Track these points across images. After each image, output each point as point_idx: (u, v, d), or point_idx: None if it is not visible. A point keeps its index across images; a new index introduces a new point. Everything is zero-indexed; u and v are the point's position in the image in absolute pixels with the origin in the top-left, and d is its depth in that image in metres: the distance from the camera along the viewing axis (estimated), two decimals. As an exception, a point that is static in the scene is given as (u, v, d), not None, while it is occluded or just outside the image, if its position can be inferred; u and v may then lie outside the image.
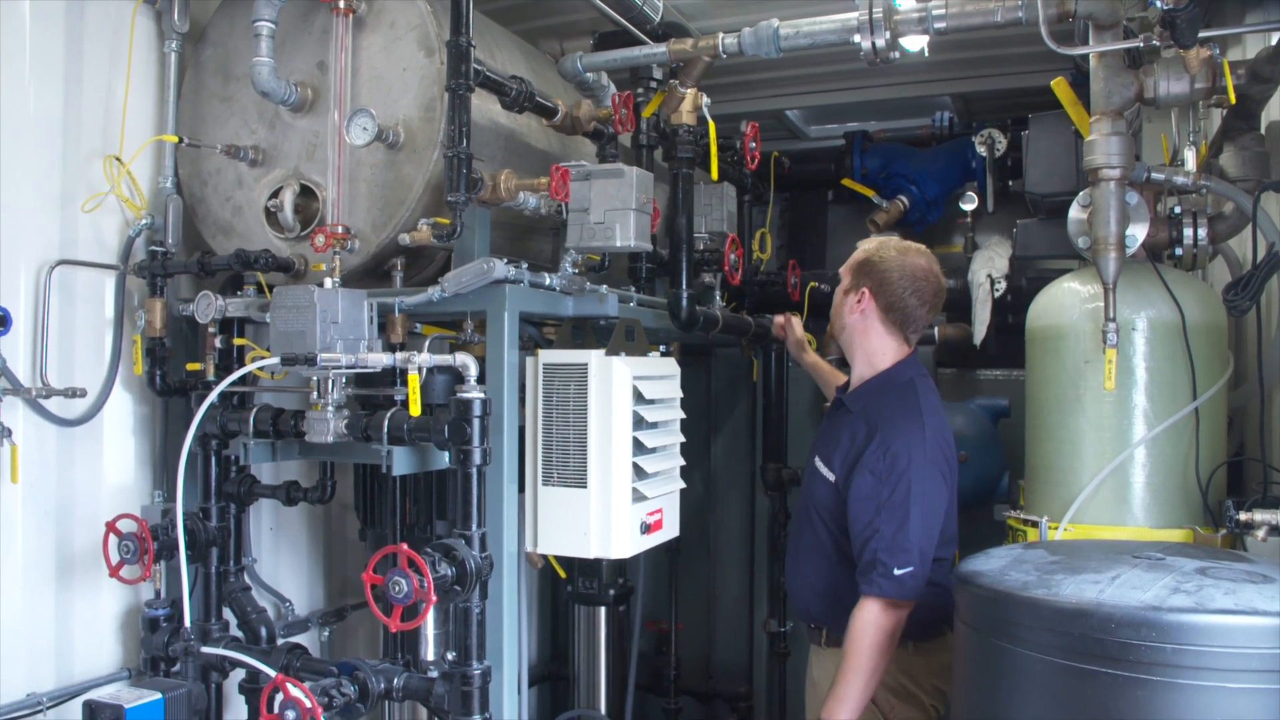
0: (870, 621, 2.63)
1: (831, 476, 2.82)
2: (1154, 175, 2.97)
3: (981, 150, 4.68)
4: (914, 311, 2.87)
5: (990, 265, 4.51)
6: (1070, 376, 3.06)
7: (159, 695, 2.51)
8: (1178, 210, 3.13)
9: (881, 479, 2.66)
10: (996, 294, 4.41)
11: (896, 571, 2.60)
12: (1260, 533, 2.63)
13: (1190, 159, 3.40)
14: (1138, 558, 2.40)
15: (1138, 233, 3.01)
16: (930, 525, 2.68)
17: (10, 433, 2.72)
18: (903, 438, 2.70)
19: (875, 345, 2.90)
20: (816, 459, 2.91)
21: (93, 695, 2.51)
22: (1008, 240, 4.55)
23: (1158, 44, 2.73)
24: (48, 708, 2.81)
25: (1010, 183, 4.71)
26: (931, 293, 2.88)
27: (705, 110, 3.41)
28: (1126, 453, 2.95)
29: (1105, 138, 2.84)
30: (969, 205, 4.78)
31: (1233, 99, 2.76)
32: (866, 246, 2.94)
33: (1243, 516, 2.65)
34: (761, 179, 4.84)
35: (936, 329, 4.59)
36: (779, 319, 3.75)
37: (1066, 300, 3.15)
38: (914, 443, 2.70)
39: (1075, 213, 3.09)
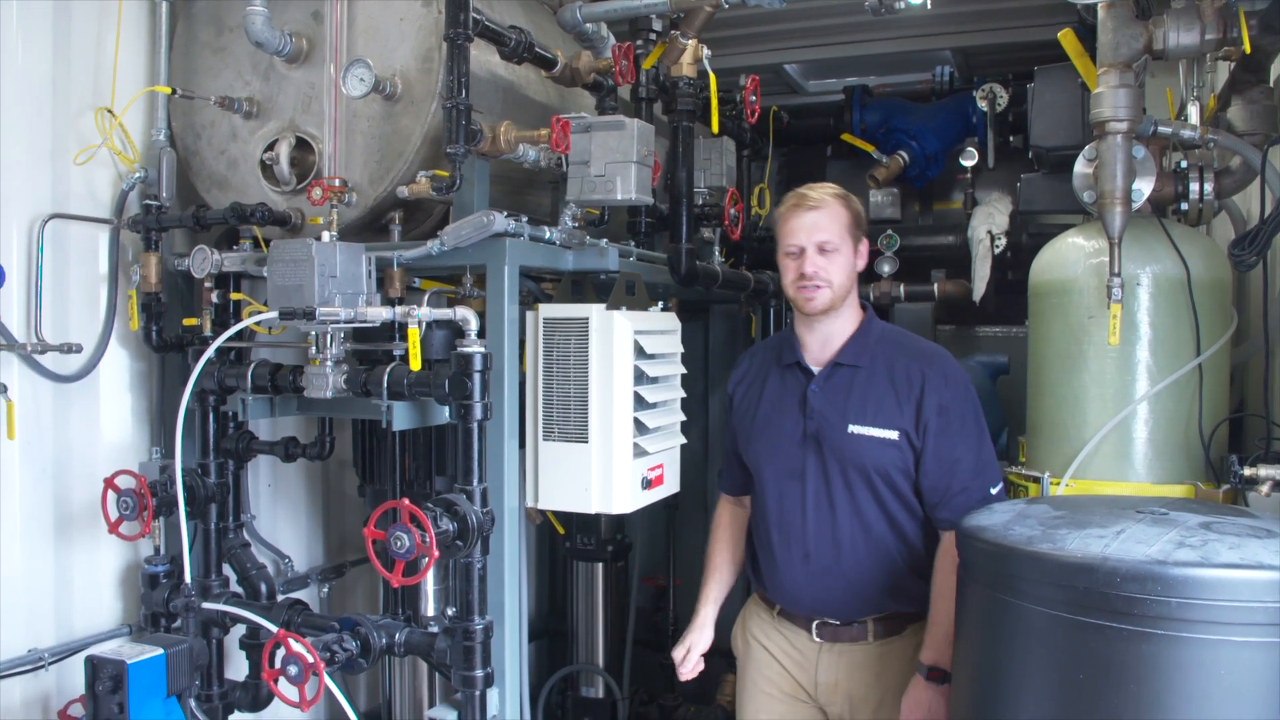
0: None
1: (892, 434, 2.59)
2: (1161, 129, 2.94)
3: (982, 105, 4.63)
4: None
5: (990, 221, 4.47)
6: (1074, 332, 3.04)
7: (161, 651, 2.50)
8: (1184, 165, 3.10)
9: (949, 410, 2.59)
10: (996, 250, 4.38)
11: (992, 490, 2.61)
12: (1264, 488, 2.62)
13: (1194, 113, 3.36)
14: (1141, 512, 2.39)
15: (1144, 187, 2.98)
16: (991, 442, 2.70)
17: (6, 389, 2.70)
18: (949, 365, 2.66)
19: (855, 298, 2.75)
20: (851, 426, 2.61)
21: (95, 651, 2.50)
22: (1008, 196, 4.52)
23: (1170, -8, 2.69)
24: (49, 663, 2.82)
25: (1011, 138, 4.66)
26: None
27: (706, 63, 3.36)
28: (1130, 408, 2.94)
29: (1113, 90, 2.80)
30: (969, 161, 4.73)
31: (1248, 48, 2.71)
32: (836, 195, 2.69)
33: (1247, 472, 2.64)
34: (760, 134, 4.78)
35: (936, 285, 4.56)
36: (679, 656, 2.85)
37: (1071, 255, 3.12)
38: (957, 366, 2.69)
39: (1081, 166, 3.06)
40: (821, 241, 2.61)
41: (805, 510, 2.66)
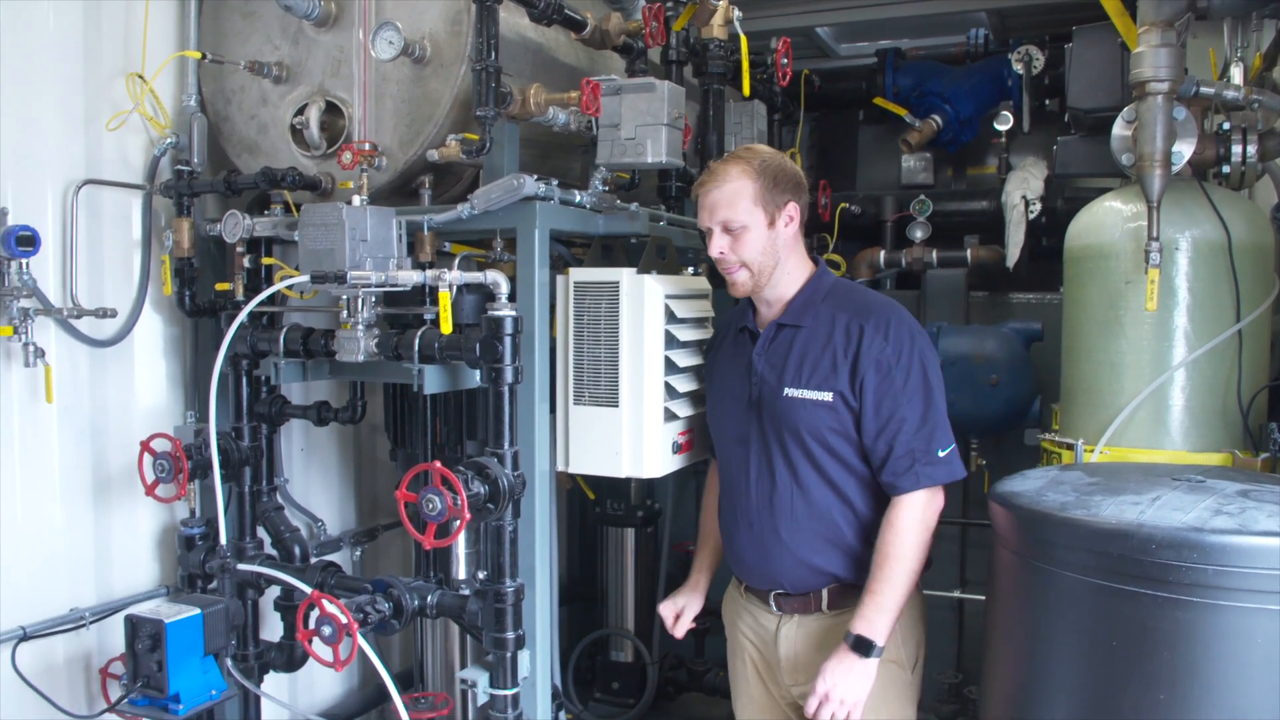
0: (918, 517, 2.40)
1: (826, 395, 2.44)
2: (1203, 89, 2.88)
3: (1018, 68, 4.55)
4: (807, 197, 2.60)
5: (1025, 186, 4.41)
6: (1110, 298, 3.01)
7: (198, 611, 2.54)
8: (1226, 126, 3.03)
9: (890, 366, 2.40)
10: (1031, 216, 4.33)
11: (940, 453, 2.40)
12: (1304, 455, 2.59)
13: (1238, 74, 3.29)
14: (1178, 480, 2.37)
15: (1184, 149, 2.93)
16: (945, 401, 2.47)
17: (43, 353, 2.72)
18: (893, 317, 2.44)
19: (799, 254, 2.58)
20: (788, 390, 2.49)
21: (134, 610, 2.54)
22: (1043, 161, 4.46)
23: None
24: (90, 622, 2.87)
25: (1047, 102, 4.59)
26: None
27: (737, 25, 3.32)
28: (1166, 375, 2.91)
29: (1154, 49, 2.74)
30: (1004, 125, 4.66)
31: (1297, 2, 2.65)
32: (743, 168, 2.48)
33: (1287, 439, 2.61)
34: (792, 98, 4.73)
35: (969, 251, 4.51)
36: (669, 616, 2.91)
37: (1108, 220, 3.08)
38: (906, 319, 2.47)
39: (1119, 129, 3.01)
40: (724, 221, 2.48)
41: (749, 477, 2.58)
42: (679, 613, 2.89)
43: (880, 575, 2.39)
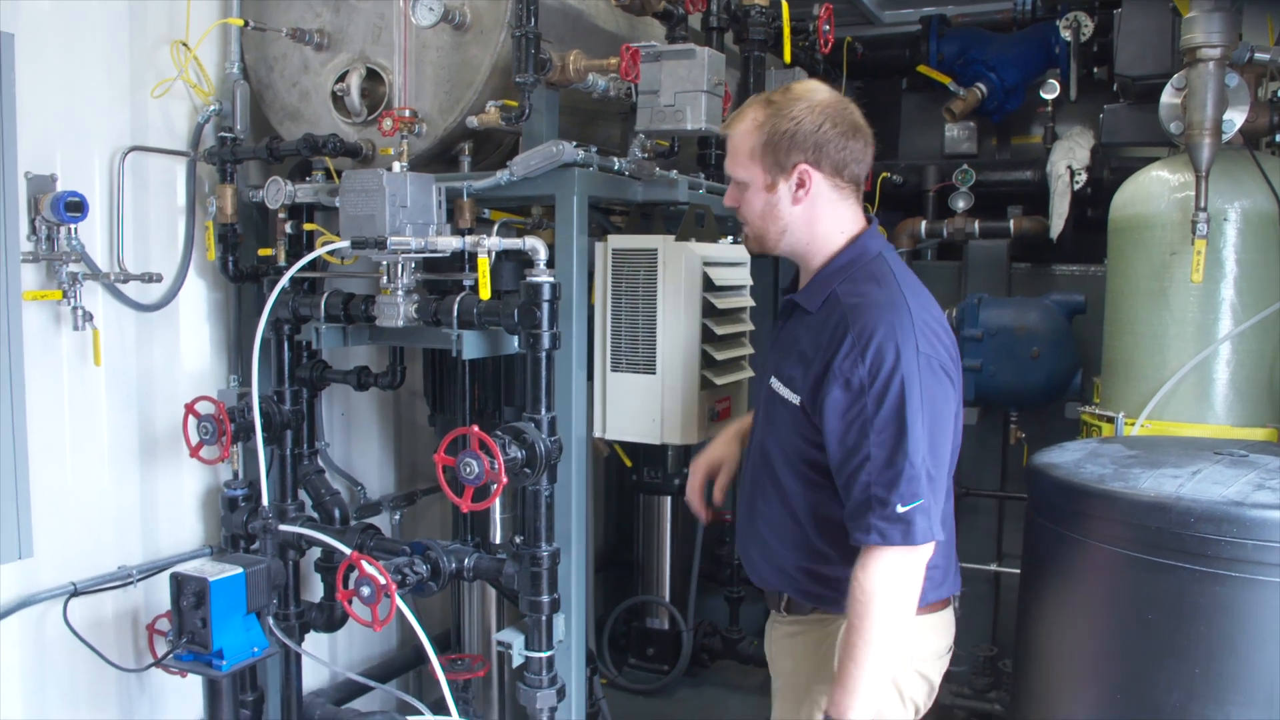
0: (877, 580, 1.91)
1: (795, 398, 2.06)
2: (1258, 55, 2.80)
3: (1066, 35, 4.45)
4: (859, 156, 2.10)
5: (1070, 156, 4.34)
6: (1155, 269, 2.96)
7: (240, 570, 2.59)
8: (1280, 94, 2.97)
9: (862, 388, 1.93)
10: (1076, 186, 4.26)
11: (900, 509, 1.89)
12: (1351, 430, 2.55)
13: (1295, 40, 3.21)
14: (1219, 454, 2.35)
15: (1236, 117, 2.87)
16: (938, 440, 1.95)
17: (91, 317, 2.77)
18: (882, 328, 1.94)
19: (828, 225, 2.10)
20: (773, 379, 2.14)
21: (179, 568, 2.60)
22: (1090, 130, 4.38)
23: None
24: (137, 579, 2.94)
25: (1095, 70, 4.50)
26: (857, 121, 2.12)
27: (779, -11, 3.30)
28: (1211, 348, 2.86)
29: (1206, 14, 2.68)
30: (1050, 93, 4.58)
31: (1355, -33, 2.58)
32: (754, 115, 2.09)
33: (1334, 413, 2.57)
34: (834, 65, 4.68)
35: (1012, 222, 4.45)
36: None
37: (1154, 189, 3.03)
38: (899, 332, 1.94)
39: (1169, 96, 2.95)
40: (730, 171, 2.14)
41: (746, 460, 2.32)
42: (712, 474, 2.51)
43: (844, 650, 1.96)
